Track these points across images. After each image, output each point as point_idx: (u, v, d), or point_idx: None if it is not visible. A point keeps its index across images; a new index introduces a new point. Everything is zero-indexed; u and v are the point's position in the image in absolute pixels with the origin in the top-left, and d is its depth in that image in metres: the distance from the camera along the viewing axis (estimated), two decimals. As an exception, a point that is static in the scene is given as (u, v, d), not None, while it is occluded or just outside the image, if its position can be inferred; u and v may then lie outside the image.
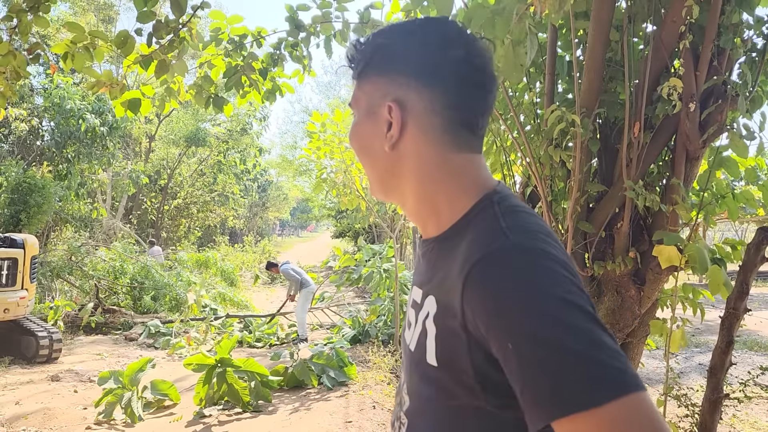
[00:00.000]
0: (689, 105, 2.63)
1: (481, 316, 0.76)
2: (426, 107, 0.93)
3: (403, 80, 0.94)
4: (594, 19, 2.70)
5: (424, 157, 0.94)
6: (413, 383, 0.96)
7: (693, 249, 2.61)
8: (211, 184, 26.25)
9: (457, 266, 0.83)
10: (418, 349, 0.92)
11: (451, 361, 0.84)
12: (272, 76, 3.67)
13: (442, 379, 0.86)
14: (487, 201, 0.90)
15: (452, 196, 0.94)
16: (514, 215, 0.86)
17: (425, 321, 0.90)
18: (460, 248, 0.86)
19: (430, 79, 0.92)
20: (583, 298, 0.74)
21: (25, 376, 6.92)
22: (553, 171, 3.07)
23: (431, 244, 0.98)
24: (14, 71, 2.79)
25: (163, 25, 2.61)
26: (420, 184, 0.96)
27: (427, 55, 0.93)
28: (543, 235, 0.82)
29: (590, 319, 0.72)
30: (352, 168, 7.59)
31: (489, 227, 0.84)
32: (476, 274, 0.78)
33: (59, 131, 13.67)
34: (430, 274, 0.95)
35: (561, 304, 0.72)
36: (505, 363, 0.74)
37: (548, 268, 0.76)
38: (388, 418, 5.21)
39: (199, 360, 5.71)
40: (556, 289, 0.73)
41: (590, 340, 0.69)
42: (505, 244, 0.79)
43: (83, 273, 11.80)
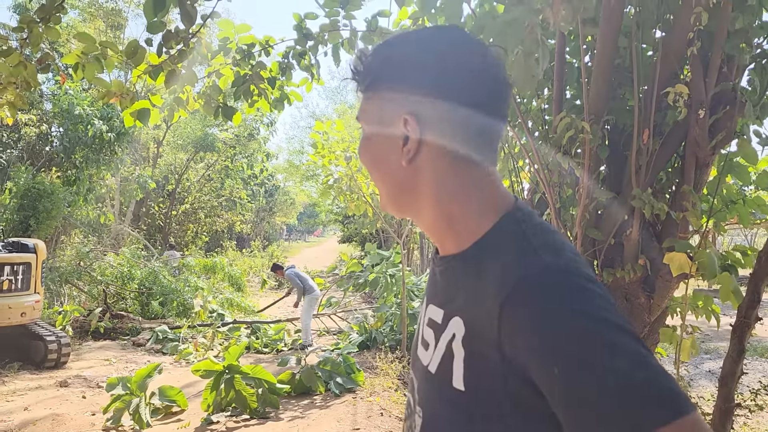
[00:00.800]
0: (699, 111, 2.61)
1: (522, 340, 0.74)
2: (441, 119, 0.90)
3: (417, 92, 0.90)
4: (603, 25, 2.69)
5: (441, 172, 0.91)
6: (432, 407, 0.91)
7: (704, 256, 2.60)
8: (218, 189, 26.33)
9: (490, 288, 0.80)
10: (441, 372, 0.88)
11: (482, 385, 0.81)
12: (280, 85, 3.67)
13: (469, 404, 0.82)
14: (512, 219, 0.88)
15: (471, 212, 0.91)
16: (543, 235, 0.84)
17: (450, 343, 0.86)
18: (489, 269, 0.83)
19: (446, 89, 0.89)
20: (623, 319, 0.73)
21: (34, 382, 6.95)
22: (562, 178, 3.06)
23: (451, 261, 0.94)
24: (25, 81, 2.81)
25: (173, 35, 2.62)
26: (437, 200, 0.92)
27: (441, 64, 0.90)
28: (573, 254, 0.80)
29: (635, 339, 0.70)
30: (358, 174, 7.60)
31: (520, 248, 0.82)
32: (515, 297, 0.75)
33: (68, 137, 13.75)
34: (452, 293, 0.91)
35: (607, 326, 0.70)
36: (551, 388, 0.72)
37: (587, 289, 0.74)
38: (396, 425, 5.20)
39: (207, 366, 5.71)
40: (599, 311, 0.72)
41: (640, 362, 0.68)
42: (541, 265, 0.77)
43: (92, 278, 11.85)
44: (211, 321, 10.49)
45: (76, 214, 14.65)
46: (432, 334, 0.93)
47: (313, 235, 77.66)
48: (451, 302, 0.90)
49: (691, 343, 2.82)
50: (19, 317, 7.43)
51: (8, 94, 2.85)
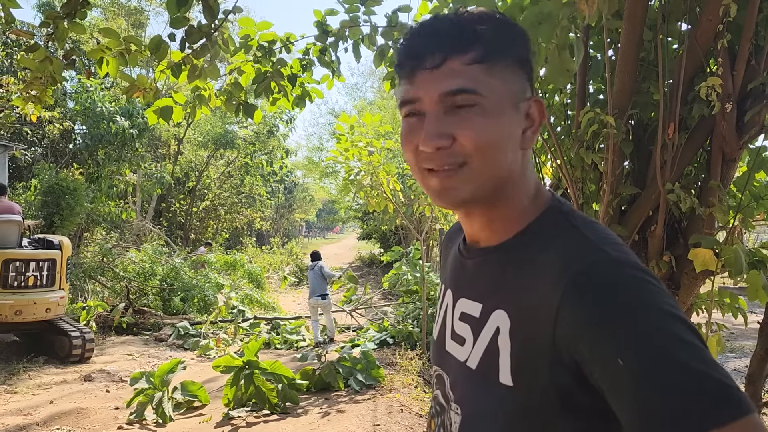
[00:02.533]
0: (726, 106, 2.56)
1: (583, 334, 0.72)
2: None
3: (530, 75, 0.88)
4: (627, 18, 2.65)
5: (528, 161, 0.91)
6: (475, 403, 0.88)
7: (730, 252, 2.55)
8: (238, 186, 26.51)
9: (547, 279, 0.78)
10: (484, 367, 0.85)
11: (531, 380, 0.79)
12: (301, 82, 3.68)
13: (517, 400, 0.80)
14: (557, 210, 0.87)
15: (523, 199, 0.89)
16: (594, 227, 0.83)
17: (496, 338, 0.84)
18: (541, 260, 0.81)
19: (531, 82, 0.90)
20: (682, 312, 0.72)
21: (59, 376, 7.06)
22: (585, 173, 3.02)
23: (491, 253, 0.90)
24: (50, 76, 2.84)
25: (195, 30, 2.63)
26: (522, 188, 0.89)
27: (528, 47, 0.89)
28: (625, 247, 0.80)
29: (696, 334, 0.70)
30: (379, 170, 7.60)
31: (577, 239, 0.80)
32: (577, 289, 0.74)
33: (91, 134, 13.93)
34: (493, 286, 0.88)
35: (671, 319, 0.70)
36: (614, 382, 0.70)
37: (650, 282, 0.73)
38: (417, 422, 5.19)
39: (226, 362, 5.75)
40: (664, 305, 0.71)
41: (704, 357, 0.67)
42: (605, 257, 0.76)
43: (114, 274, 12.01)
44: (232, 317, 10.58)
45: (99, 211, 14.85)
46: (468, 329, 0.91)
47: (332, 231, 77.86)
48: (491, 295, 0.88)
49: (717, 340, 2.77)
50: (44, 313, 7.56)
51: (34, 89, 2.90)
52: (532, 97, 0.88)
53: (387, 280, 11.33)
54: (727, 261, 2.57)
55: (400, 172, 12.94)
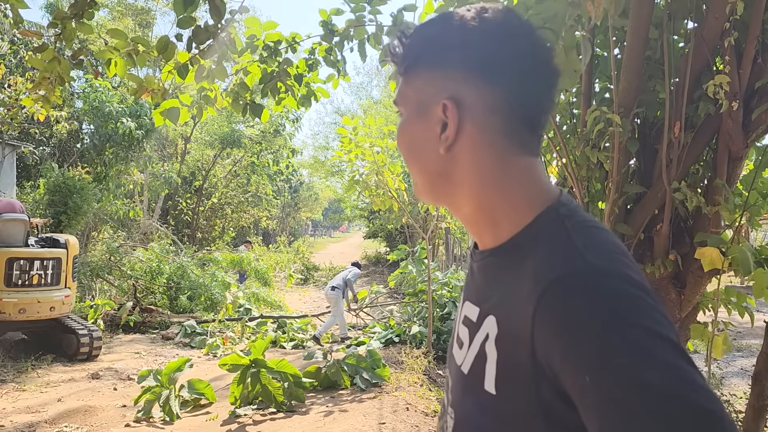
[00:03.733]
0: (732, 104, 2.56)
1: (556, 345, 0.69)
2: (485, 105, 0.84)
3: (459, 75, 0.84)
4: (633, 16, 2.65)
5: (482, 161, 0.85)
6: (463, 409, 0.88)
7: (737, 251, 2.55)
8: (244, 185, 26.58)
9: (525, 287, 0.75)
10: (473, 373, 0.84)
11: (513, 391, 0.76)
12: (307, 82, 3.68)
13: (499, 410, 0.78)
14: (554, 213, 0.82)
15: (512, 204, 0.85)
16: (587, 231, 0.77)
17: (484, 344, 0.82)
18: (526, 266, 0.78)
19: (491, 73, 0.83)
20: (669, 329, 0.67)
21: (67, 374, 7.10)
22: (590, 172, 3.02)
23: (488, 256, 0.89)
24: (59, 76, 2.86)
25: (202, 30, 2.64)
26: (477, 191, 0.86)
27: (487, 46, 0.83)
28: (621, 255, 0.74)
29: (680, 353, 0.65)
30: (384, 169, 7.60)
31: (561, 245, 0.76)
32: (551, 298, 0.70)
33: (98, 134, 14.00)
34: (489, 291, 0.86)
35: (648, 336, 0.65)
36: (581, 398, 0.67)
37: (632, 294, 0.68)
38: (422, 420, 5.20)
39: (233, 360, 5.78)
40: (642, 320, 0.66)
41: (681, 378, 0.63)
42: (582, 266, 0.71)
43: (121, 273, 12.07)
44: (239, 316, 10.61)
45: (106, 210, 14.92)
46: (467, 333, 0.89)
47: (338, 230, 77.91)
48: (487, 300, 0.86)
49: (724, 339, 2.77)
50: (49, 311, 7.57)
51: (43, 88, 2.92)
52: (445, 98, 0.84)
53: (393, 278, 11.34)
54: (733, 260, 2.57)
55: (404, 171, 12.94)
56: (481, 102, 0.84)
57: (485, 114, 0.84)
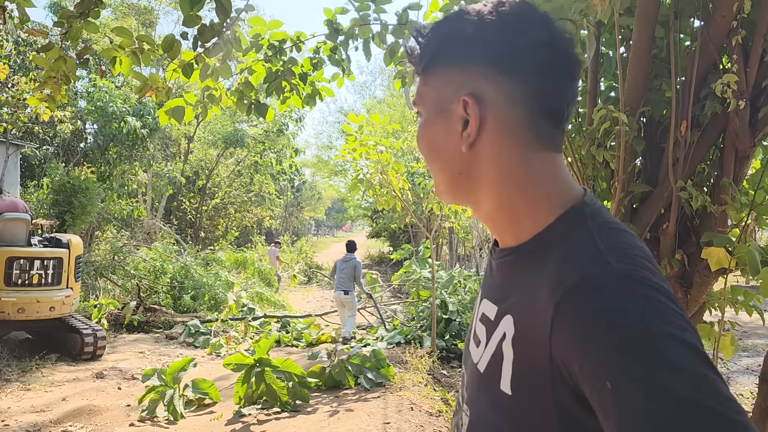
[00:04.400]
0: (739, 102, 2.54)
1: (575, 350, 0.68)
2: (506, 100, 0.82)
3: (478, 70, 0.83)
4: (639, 15, 2.64)
5: (504, 158, 0.84)
6: (479, 408, 0.87)
7: (744, 250, 2.53)
8: (247, 185, 26.61)
9: (545, 288, 0.74)
10: (489, 372, 0.83)
11: (529, 392, 0.75)
12: (312, 81, 3.68)
13: (515, 410, 0.77)
14: (577, 214, 0.80)
15: (534, 202, 0.84)
16: (611, 234, 0.76)
17: (501, 343, 0.81)
18: (547, 267, 0.76)
19: (510, 66, 0.81)
20: (693, 335, 0.65)
21: (71, 374, 7.11)
22: (596, 171, 3.01)
23: (508, 255, 0.88)
24: (64, 75, 2.86)
25: (208, 29, 2.64)
26: (499, 188, 0.85)
27: (506, 39, 0.82)
28: (645, 260, 0.72)
29: (704, 361, 0.63)
30: (388, 168, 7.59)
31: (584, 247, 0.74)
32: (572, 301, 0.69)
33: (102, 134, 14.03)
34: (508, 290, 0.85)
35: (672, 343, 0.63)
36: (601, 404, 0.65)
37: (656, 300, 0.67)
38: (427, 420, 5.19)
39: (237, 360, 5.78)
40: (666, 326, 0.64)
41: (706, 387, 0.61)
42: (606, 270, 0.70)
43: (125, 272, 12.09)
44: (242, 315, 10.62)
45: (110, 210, 14.94)
46: (484, 331, 0.88)
47: (342, 230, 77.97)
48: (505, 299, 0.85)
49: (731, 339, 2.76)
50: (48, 311, 7.55)
51: (48, 88, 2.92)
52: (464, 95, 0.83)
53: (397, 278, 11.33)
54: (740, 259, 2.55)
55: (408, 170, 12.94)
56: (502, 96, 0.82)
57: (507, 108, 0.82)
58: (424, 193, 10.35)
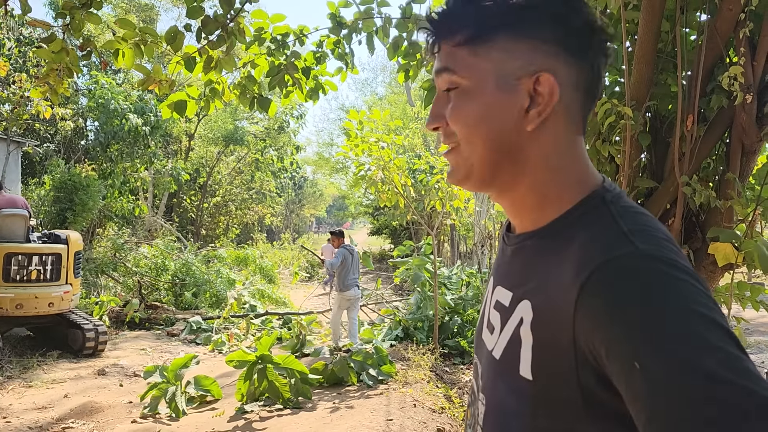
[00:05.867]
0: (746, 96, 2.52)
1: (601, 331, 0.67)
2: (573, 82, 0.81)
3: (551, 49, 0.80)
4: (645, 8, 2.61)
5: (560, 141, 0.83)
6: (496, 395, 0.86)
7: (752, 246, 2.51)
8: (248, 182, 26.61)
9: (568, 270, 0.73)
10: (506, 358, 0.82)
11: (552, 376, 0.74)
12: (315, 75, 3.66)
13: (537, 396, 0.76)
14: (599, 198, 0.80)
15: (566, 184, 0.83)
16: (634, 217, 0.76)
17: (518, 328, 0.80)
18: (569, 249, 0.75)
19: (577, 48, 0.81)
20: (720, 315, 0.64)
21: (73, 371, 7.11)
22: (601, 166, 2.99)
23: (526, 239, 0.86)
24: (66, 68, 2.85)
25: (211, 21, 2.62)
26: (544, 174, 0.83)
27: (572, 18, 0.80)
28: (668, 242, 0.72)
29: (733, 341, 0.62)
30: (390, 165, 7.57)
31: (608, 229, 0.74)
32: (598, 282, 0.68)
33: (103, 131, 14.02)
34: (525, 275, 0.84)
35: (701, 322, 0.62)
36: (628, 385, 0.64)
37: (683, 280, 0.66)
38: (429, 416, 5.18)
39: (239, 357, 5.77)
40: (694, 305, 0.64)
41: (735, 363, 0.60)
42: (632, 250, 0.69)
43: (126, 269, 12.08)
44: (244, 312, 10.61)
45: (111, 207, 14.94)
46: (498, 318, 0.87)
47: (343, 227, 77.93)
48: (522, 284, 0.84)
49: (738, 335, 2.74)
50: (47, 307, 7.54)
51: (51, 80, 2.90)
52: (538, 72, 0.80)
53: (398, 275, 11.29)
54: (747, 254, 2.53)
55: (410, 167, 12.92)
56: (570, 78, 0.81)
57: (571, 90, 0.82)
58: (426, 190, 10.33)
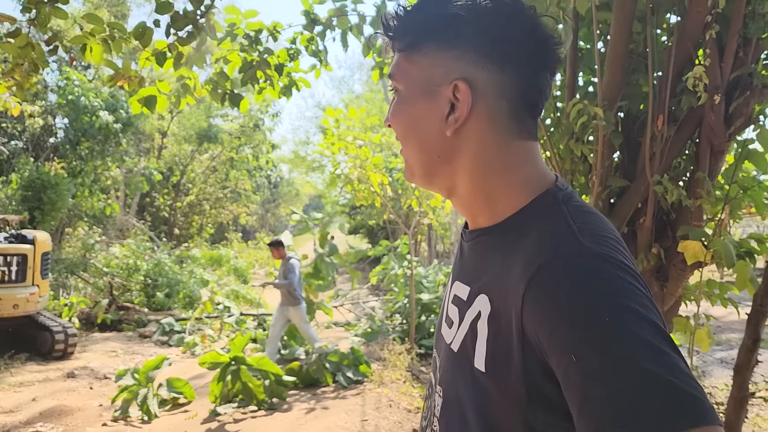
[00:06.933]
0: (714, 97, 2.56)
1: (545, 324, 0.70)
2: (495, 89, 0.84)
3: (471, 57, 0.83)
4: (617, 10, 2.64)
5: (486, 145, 0.85)
6: (453, 387, 0.88)
7: (719, 244, 2.55)
8: (223, 181, 26.34)
9: (518, 265, 0.76)
10: (463, 351, 0.84)
11: (502, 368, 0.76)
12: (288, 71, 3.63)
13: (489, 387, 0.79)
14: (551, 197, 0.83)
15: (510, 187, 0.86)
16: (583, 216, 0.79)
17: (476, 322, 0.82)
18: (520, 245, 0.78)
19: (504, 58, 0.83)
20: (657, 315, 0.67)
21: (41, 374, 6.96)
22: (574, 165, 3.02)
23: (481, 236, 0.89)
24: (32, 63, 2.77)
25: (181, 17, 2.58)
26: (477, 174, 0.87)
27: (501, 30, 0.83)
28: (615, 242, 0.75)
29: (666, 340, 0.65)
30: (367, 163, 7.56)
31: (558, 227, 0.77)
32: (543, 278, 0.71)
33: (73, 128, 13.75)
34: (480, 270, 0.87)
35: (636, 320, 0.65)
36: (566, 376, 0.67)
37: (624, 279, 0.69)
38: (405, 416, 5.18)
39: (213, 358, 5.70)
40: (632, 304, 0.67)
41: (667, 362, 0.63)
42: (579, 249, 0.72)
43: (97, 270, 11.87)
44: (218, 313, 10.49)
45: (81, 206, 14.67)
46: (457, 312, 0.90)
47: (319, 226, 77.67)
48: (478, 279, 0.86)
49: (707, 332, 2.78)
50: (12, 309, 7.38)
51: (17, 75, 2.82)
52: (456, 80, 0.83)
53: (375, 274, 11.29)
54: (716, 253, 2.57)
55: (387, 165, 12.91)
56: (491, 85, 0.84)
57: (494, 97, 0.84)
58: (403, 189, 10.34)
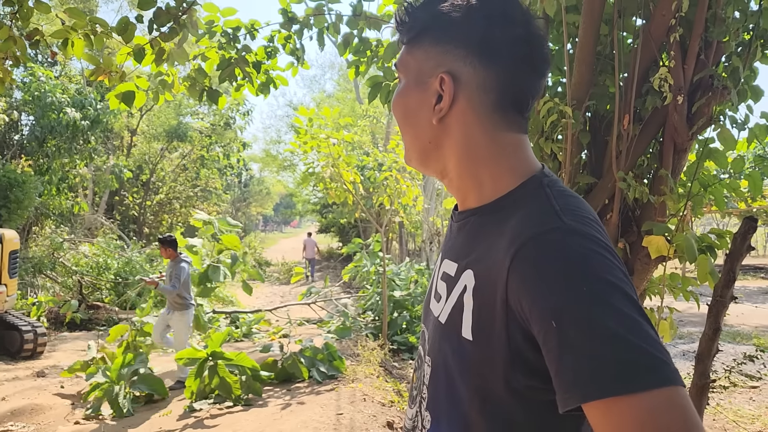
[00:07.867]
0: (677, 98, 2.68)
1: (527, 293, 0.76)
2: (479, 84, 0.91)
3: (460, 53, 0.91)
4: (585, 12, 2.73)
5: (470, 135, 0.93)
6: (441, 356, 0.94)
7: (681, 239, 2.67)
8: (193, 179, 26.03)
9: (504, 241, 0.82)
10: (451, 322, 0.90)
11: (487, 335, 0.82)
12: (266, 69, 3.66)
13: (476, 354, 0.84)
14: (537, 182, 0.90)
15: (497, 173, 0.93)
16: (565, 198, 0.85)
17: (462, 295, 0.89)
18: (507, 224, 0.84)
19: (489, 55, 0.90)
20: (629, 286, 0.74)
21: (10, 373, 6.85)
22: (543, 162, 3.10)
23: (470, 216, 0.96)
24: (13, 56, 2.76)
25: (164, 12, 2.60)
26: (464, 159, 0.94)
27: (489, 30, 0.90)
28: (593, 222, 0.82)
29: (637, 307, 0.72)
30: (339, 162, 7.59)
31: (542, 207, 0.83)
32: (528, 251, 0.77)
33: (39, 125, 13.46)
34: (468, 248, 0.93)
35: (611, 289, 0.72)
36: (545, 341, 0.73)
37: (600, 254, 0.75)
38: (379, 410, 5.25)
39: (189, 354, 5.69)
40: (607, 275, 0.73)
41: (636, 327, 0.69)
42: (559, 225, 0.78)
43: (66, 269, 11.67)
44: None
45: (49, 204, 14.38)
46: (445, 287, 0.96)
47: (290, 225, 77.25)
48: (466, 256, 0.93)
49: (670, 323, 2.90)
50: None
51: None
52: (442, 73, 0.91)
53: (347, 272, 11.33)
54: (678, 247, 2.69)
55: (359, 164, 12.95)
56: (476, 80, 0.91)
57: (478, 92, 0.91)
58: (374, 186, 10.39)
